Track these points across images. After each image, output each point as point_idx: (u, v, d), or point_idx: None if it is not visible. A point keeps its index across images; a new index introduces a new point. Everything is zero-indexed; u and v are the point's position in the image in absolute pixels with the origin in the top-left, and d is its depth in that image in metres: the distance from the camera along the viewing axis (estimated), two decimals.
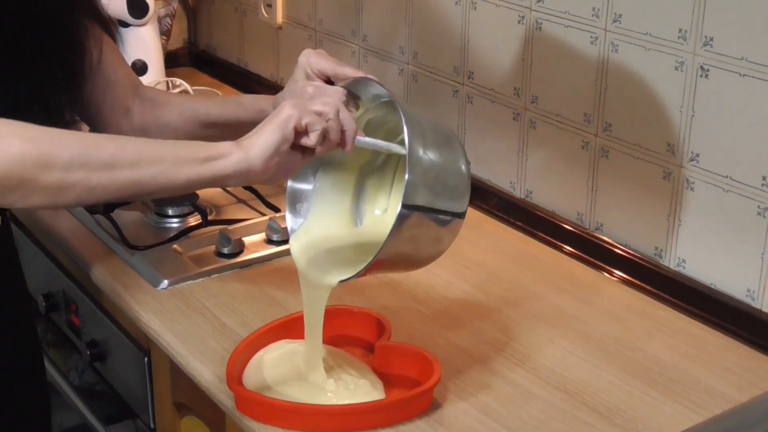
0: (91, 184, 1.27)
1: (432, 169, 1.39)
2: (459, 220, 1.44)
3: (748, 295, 1.66)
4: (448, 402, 1.48)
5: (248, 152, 1.32)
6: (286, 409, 1.42)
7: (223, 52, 2.96)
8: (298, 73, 1.58)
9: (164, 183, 1.31)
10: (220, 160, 1.32)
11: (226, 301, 1.74)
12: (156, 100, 1.75)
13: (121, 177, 1.28)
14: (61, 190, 1.27)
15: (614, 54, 1.78)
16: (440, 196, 1.40)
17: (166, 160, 1.30)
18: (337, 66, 1.54)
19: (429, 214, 1.39)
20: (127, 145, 1.30)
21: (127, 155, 1.29)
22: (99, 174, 1.28)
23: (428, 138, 1.40)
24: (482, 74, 2.07)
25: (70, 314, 2.06)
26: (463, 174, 1.44)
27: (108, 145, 1.30)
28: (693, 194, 1.71)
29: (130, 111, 1.74)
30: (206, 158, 1.32)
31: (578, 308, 1.74)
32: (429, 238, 1.43)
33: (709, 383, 1.54)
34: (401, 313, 1.69)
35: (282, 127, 1.33)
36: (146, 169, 1.29)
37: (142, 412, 1.86)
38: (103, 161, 1.28)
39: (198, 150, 1.32)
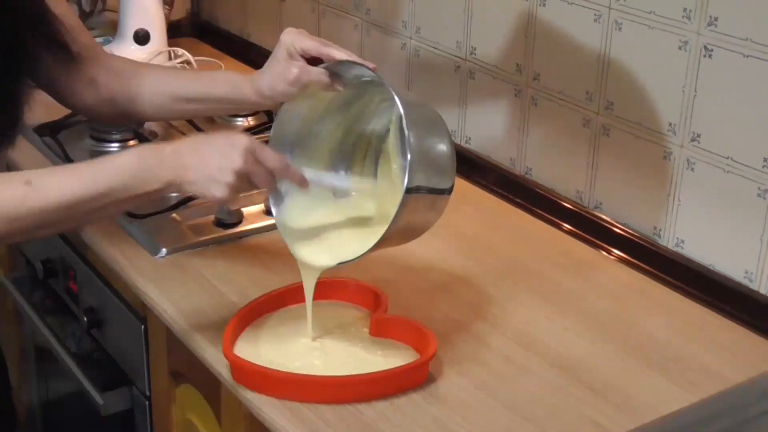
0: (48, 235, 1.47)
1: (426, 150, 1.42)
2: (448, 196, 1.48)
3: (746, 277, 1.66)
4: (443, 376, 1.48)
5: (181, 189, 1.42)
6: (282, 379, 1.43)
7: (226, 23, 2.95)
8: (280, 52, 1.54)
9: (112, 215, 1.55)
10: (159, 192, 1.41)
11: (224, 270, 1.74)
12: (124, 71, 1.74)
13: (73, 225, 1.51)
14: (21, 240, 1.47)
15: (617, 32, 1.78)
16: (433, 175, 1.43)
17: (112, 204, 1.39)
18: (320, 46, 1.52)
19: (424, 194, 1.42)
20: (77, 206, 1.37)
21: (78, 213, 1.39)
22: (54, 229, 1.45)
23: (420, 123, 1.42)
24: (484, 50, 2.07)
25: (68, 281, 2.06)
26: (449, 153, 1.46)
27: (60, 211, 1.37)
28: (693, 174, 1.71)
29: (94, 81, 1.73)
30: (148, 193, 1.40)
31: (576, 286, 1.74)
32: (422, 216, 1.46)
33: (705, 363, 1.54)
34: (398, 286, 1.69)
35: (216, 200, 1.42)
36: (94, 216, 1.43)
37: (138, 380, 1.87)
38: (56, 223, 1.39)
39: (141, 188, 1.39)
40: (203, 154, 1.39)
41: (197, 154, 1.39)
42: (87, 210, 1.38)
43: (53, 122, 2.26)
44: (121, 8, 2.64)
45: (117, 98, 1.72)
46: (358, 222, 1.54)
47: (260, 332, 1.55)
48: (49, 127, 2.24)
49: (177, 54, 2.61)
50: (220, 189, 1.38)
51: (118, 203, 1.39)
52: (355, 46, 2.41)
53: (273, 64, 1.56)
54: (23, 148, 2.14)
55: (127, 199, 1.39)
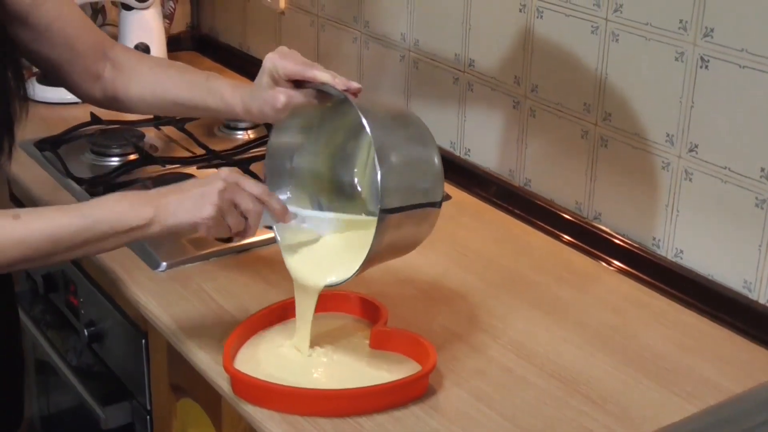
0: (32, 267, 1.52)
1: (403, 169, 1.42)
2: (437, 209, 1.47)
3: (744, 287, 1.66)
4: (443, 388, 1.48)
5: (162, 224, 1.44)
6: (282, 393, 1.43)
7: (226, 36, 2.96)
8: (264, 78, 1.53)
9: (96, 252, 1.55)
10: (141, 230, 1.44)
11: (224, 284, 1.74)
12: (126, 67, 1.74)
13: (57, 260, 1.45)
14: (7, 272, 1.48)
15: (614, 44, 1.78)
16: (415, 192, 1.42)
17: (94, 239, 1.43)
18: (304, 69, 1.50)
19: (407, 211, 1.41)
20: (62, 238, 1.41)
21: (62, 247, 1.42)
22: (39, 263, 1.44)
23: (396, 138, 1.42)
24: (483, 62, 2.07)
25: (68, 295, 2.07)
26: (435, 166, 1.46)
27: (44, 244, 1.41)
28: (691, 185, 1.71)
29: (101, 77, 1.74)
30: (129, 229, 1.43)
31: (575, 297, 1.74)
32: (409, 231, 1.46)
33: (704, 374, 1.54)
34: (398, 299, 1.69)
35: (194, 227, 1.45)
36: (78, 251, 1.44)
37: (139, 394, 1.87)
38: (42, 256, 1.42)
39: (123, 222, 1.43)
40: (184, 189, 1.46)
41: (179, 190, 1.46)
42: (71, 244, 1.41)
43: (54, 137, 2.27)
44: (122, 22, 2.65)
45: (121, 95, 1.74)
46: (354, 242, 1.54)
47: (260, 346, 1.55)
48: (50, 141, 2.25)
49: None
50: (204, 209, 1.42)
51: (102, 239, 1.43)
52: (354, 59, 2.42)
53: (258, 92, 1.55)
54: (24, 162, 2.15)
55: (111, 236, 1.42)
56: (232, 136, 2.38)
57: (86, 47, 1.71)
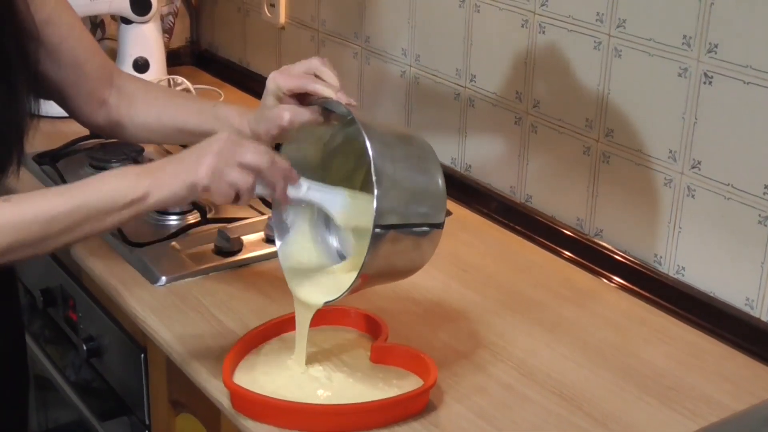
0: (29, 255, 1.39)
1: (403, 187, 1.39)
2: (438, 231, 1.45)
3: (747, 304, 1.66)
4: (443, 404, 1.47)
5: (159, 194, 1.38)
6: (282, 408, 1.42)
7: (226, 51, 2.96)
8: (268, 99, 1.54)
9: (95, 233, 1.42)
10: (139, 203, 1.38)
11: (224, 299, 1.74)
12: (134, 95, 1.74)
13: (54, 244, 1.40)
14: (4, 262, 1.39)
15: (617, 59, 1.78)
16: (414, 212, 1.40)
17: (90, 218, 1.38)
18: (306, 83, 1.50)
19: (404, 230, 1.39)
20: (55, 218, 1.37)
21: (56, 228, 1.37)
22: (34, 248, 1.38)
23: (398, 156, 1.40)
24: (484, 78, 2.07)
25: (67, 310, 2.06)
26: (438, 188, 1.44)
27: (37, 225, 1.36)
28: (694, 201, 1.71)
29: (106, 103, 1.73)
30: (127, 204, 1.38)
31: (576, 314, 1.73)
32: (408, 252, 1.44)
33: (706, 391, 1.53)
34: (398, 315, 1.69)
35: (190, 191, 1.38)
36: (75, 232, 1.39)
37: (138, 409, 1.86)
38: (36, 240, 1.37)
39: (118, 197, 1.37)
40: (180, 155, 1.41)
41: (175, 158, 1.41)
42: (65, 225, 1.36)
43: (53, 151, 2.26)
44: (121, 36, 2.64)
45: (125, 123, 1.73)
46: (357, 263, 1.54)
47: (260, 360, 1.54)
48: (49, 155, 2.24)
49: (177, 82, 2.62)
50: (200, 168, 1.36)
51: (97, 219, 1.37)
52: (354, 75, 2.41)
53: (264, 112, 1.55)
54: (22, 176, 2.13)
55: (108, 212, 1.37)
56: None
57: (94, 70, 1.70)
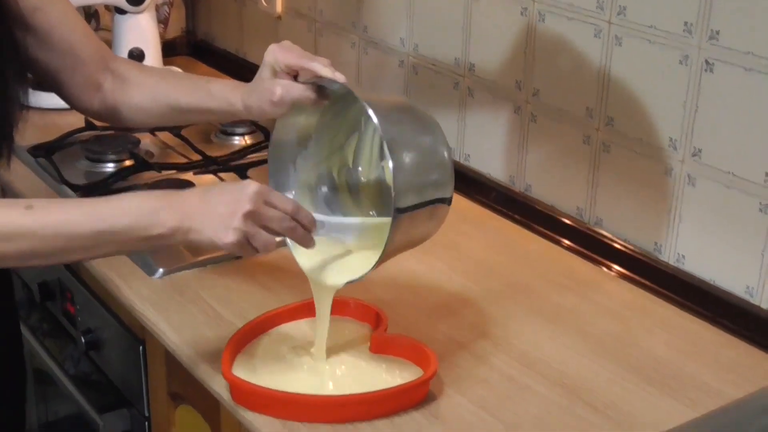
0: (43, 265, 1.41)
1: (415, 168, 1.40)
2: (446, 206, 1.46)
3: (747, 292, 1.65)
4: (444, 395, 1.47)
5: (185, 237, 1.37)
6: (281, 400, 1.41)
7: (222, 41, 2.95)
8: (265, 71, 1.53)
9: (112, 255, 1.45)
10: (162, 239, 1.37)
11: (222, 291, 1.73)
12: (128, 78, 1.72)
13: (69, 259, 1.43)
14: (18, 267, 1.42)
15: (618, 47, 1.77)
16: (427, 190, 1.41)
17: (110, 244, 1.37)
18: (303, 61, 1.50)
19: (418, 209, 1.40)
20: (76, 233, 1.35)
21: (75, 246, 1.36)
22: (50, 260, 1.39)
23: (405, 133, 1.41)
24: (483, 66, 2.06)
25: (65, 303, 2.05)
26: (446, 161, 1.45)
27: (56, 240, 1.34)
28: (694, 190, 1.70)
29: (101, 88, 1.72)
30: (149, 238, 1.36)
31: (576, 304, 1.73)
32: (420, 228, 1.45)
33: (706, 380, 1.53)
34: (398, 306, 1.68)
35: (217, 248, 1.38)
36: (92, 253, 1.39)
37: (137, 402, 1.85)
38: (53, 253, 1.36)
39: (143, 230, 1.36)
40: (210, 201, 1.38)
41: (204, 201, 1.38)
42: (84, 245, 1.35)
43: (48, 143, 2.26)
44: (115, 27, 2.63)
45: (121, 106, 1.72)
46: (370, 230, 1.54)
47: (259, 352, 1.54)
48: (44, 147, 2.23)
49: None
50: (228, 235, 1.35)
51: (118, 244, 1.37)
52: (352, 64, 2.40)
53: (258, 84, 1.54)
54: (17, 169, 2.13)
55: (128, 242, 1.36)
56: (229, 141, 2.37)
57: (88, 55, 1.69)
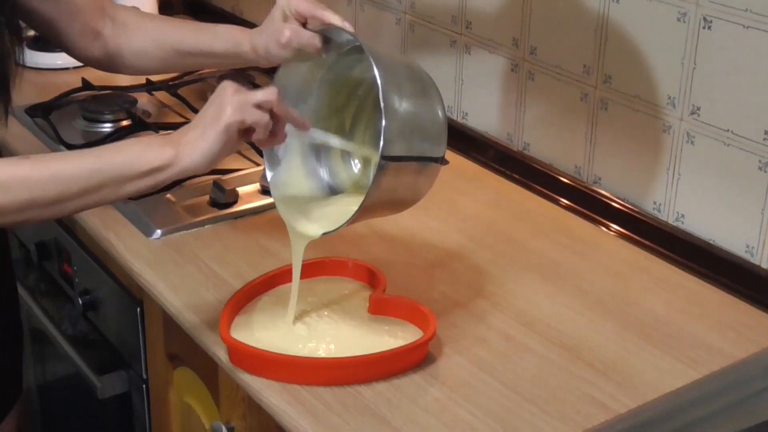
0: (44, 217, 1.35)
1: (408, 118, 1.39)
2: (437, 165, 1.45)
3: (747, 251, 1.65)
4: (443, 356, 1.47)
5: (192, 158, 1.33)
6: (280, 362, 1.41)
7: (218, 0, 2.93)
8: (276, 13, 1.55)
9: (112, 199, 1.37)
10: (164, 171, 1.34)
11: (220, 251, 1.72)
12: (128, 23, 1.72)
13: (70, 207, 1.35)
14: (15, 224, 1.39)
15: (615, 4, 1.76)
16: (417, 143, 1.40)
17: (110, 182, 1.33)
18: (314, 9, 1.51)
19: (407, 162, 1.39)
20: (73, 177, 1.32)
21: (73, 189, 1.33)
22: (50, 209, 1.34)
23: (403, 86, 1.40)
24: (480, 24, 2.05)
25: (62, 264, 2.05)
26: (439, 120, 1.44)
27: (54, 184, 1.32)
28: (693, 148, 1.69)
29: (101, 35, 1.71)
30: (151, 170, 1.33)
31: (575, 262, 1.72)
32: (408, 184, 1.44)
33: (707, 339, 1.52)
34: (396, 266, 1.68)
35: (226, 135, 1.33)
36: (93, 196, 1.34)
37: (135, 363, 1.85)
38: (52, 200, 1.32)
39: (140, 163, 1.33)
40: (197, 119, 1.36)
41: (192, 124, 1.36)
42: (82, 188, 1.32)
43: (45, 103, 2.24)
44: None
45: (123, 51, 1.72)
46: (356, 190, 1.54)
47: (257, 313, 1.53)
48: (41, 107, 2.22)
49: None
50: (222, 116, 1.32)
51: (117, 183, 1.33)
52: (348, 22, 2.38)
53: (268, 24, 1.56)
54: (14, 129, 2.12)
55: (129, 179, 1.33)
56: None
57: (85, 3, 1.69)
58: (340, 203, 1.51)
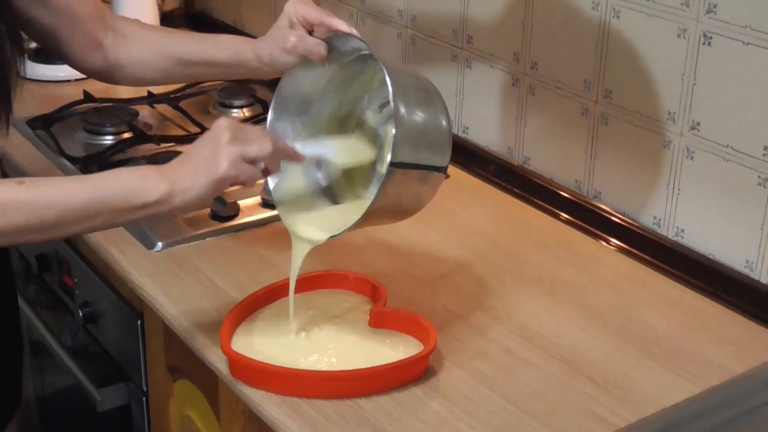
0: (43, 239, 1.36)
1: (416, 126, 1.41)
2: (441, 175, 1.46)
3: (746, 266, 1.65)
4: (443, 369, 1.47)
5: (183, 200, 1.35)
6: (280, 374, 1.41)
7: (220, 13, 2.93)
8: (282, 20, 1.56)
9: (107, 227, 1.39)
10: (155, 207, 1.35)
11: (221, 264, 1.73)
12: (129, 34, 1.72)
13: (67, 232, 1.36)
14: (13, 245, 1.43)
15: (615, 20, 1.76)
16: (424, 152, 1.42)
17: (104, 213, 1.34)
18: (322, 16, 1.52)
19: (413, 171, 1.41)
20: (69, 208, 1.33)
21: (69, 217, 1.33)
22: (47, 234, 1.34)
23: (411, 95, 1.41)
24: (481, 39, 2.05)
25: (62, 275, 2.05)
26: (444, 129, 1.45)
27: (50, 211, 1.32)
28: (693, 163, 1.69)
29: (101, 46, 1.71)
30: (143, 205, 1.35)
31: (575, 276, 1.72)
32: (412, 192, 1.45)
33: (706, 354, 1.53)
34: (397, 279, 1.68)
35: (218, 187, 1.36)
36: (87, 224, 1.35)
37: (135, 375, 1.85)
38: (48, 225, 1.33)
39: (135, 197, 1.34)
40: (191, 154, 1.37)
41: (187, 158, 1.37)
42: (77, 217, 1.33)
43: (46, 115, 2.25)
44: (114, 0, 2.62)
45: (123, 62, 1.72)
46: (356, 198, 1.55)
47: (258, 326, 1.53)
48: (42, 119, 2.23)
49: None
50: (220, 163, 1.34)
51: (111, 214, 1.35)
52: None
53: (274, 32, 1.57)
54: (15, 140, 2.13)
55: (121, 211, 1.34)
56: (227, 113, 2.36)
57: (86, 12, 1.69)
58: (341, 210, 1.53)
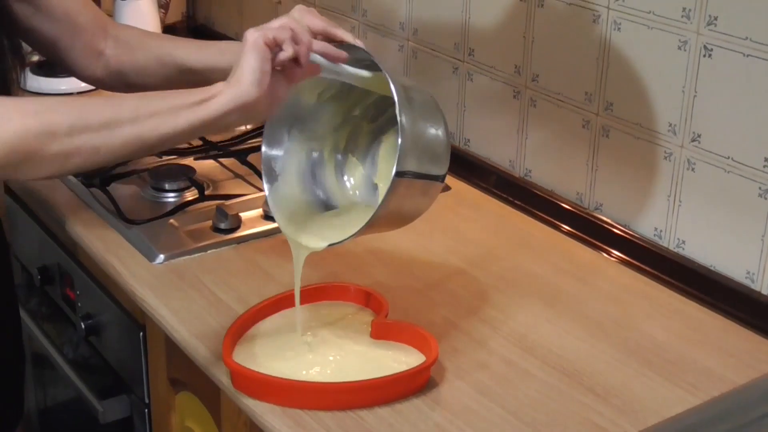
0: (96, 145, 1.31)
1: (419, 137, 1.42)
2: (440, 184, 1.48)
3: (747, 277, 1.65)
4: (445, 380, 1.47)
5: (239, 84, 1.34)
6: (282, 386, 1.41)
7: (222, 26, 2.94)
8: None
9: (166, 132, 1.34)
10: (214, 99, 1.34)
11: (223, 276, 1.73)
12: (131, 42, 1.73)
13: (122, 134, 1.31)
14: (67, 156, 1.30)
15: (616, 32, 1.77)
16: (426, 162, 1.43)
17: (162, 110, 1.33)
18: (328, 26, 1.52)
19: (417, 180, 1.42)
20: (124, 104, 1.34)
21: (125, 113, 1.32)
22: (101, 134, 1.31)
23: (415, 105, 1.42)
24: (483, 51, 2.06)
25: (65, 288, 2.05)
26: (444, 140, 1.47)
27: (105, 106, 1.33)
28: (694, 175, 1.70)
29: (103, 54, 1.72)
30: (201, 100, 1.34)
31: (576, 288, 1.73)
32: (413, 201, 1.46)
33: (707, 365, 1.53)
34: (398, 291, 1.68)
35: (255, 49, 1.35)
36: (145, 123, 1.32)
37: (137, 387, 1.85)
38: (103, 122, 1.31)
39: (192, 95, 1.34)
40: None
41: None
42: (131, 115, 1.31)
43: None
44: (116, 12, 2.63)
45: (125, 70, 1.72)
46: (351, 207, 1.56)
47: (260, 338, 1.54)
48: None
49: None
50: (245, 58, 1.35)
51: (168, 111, 1.33)
52: None
53: None
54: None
55: (177, 107, 1.33)
56: None
57: (87, 22, 1.69)
58: (341, 217, 1.53)
